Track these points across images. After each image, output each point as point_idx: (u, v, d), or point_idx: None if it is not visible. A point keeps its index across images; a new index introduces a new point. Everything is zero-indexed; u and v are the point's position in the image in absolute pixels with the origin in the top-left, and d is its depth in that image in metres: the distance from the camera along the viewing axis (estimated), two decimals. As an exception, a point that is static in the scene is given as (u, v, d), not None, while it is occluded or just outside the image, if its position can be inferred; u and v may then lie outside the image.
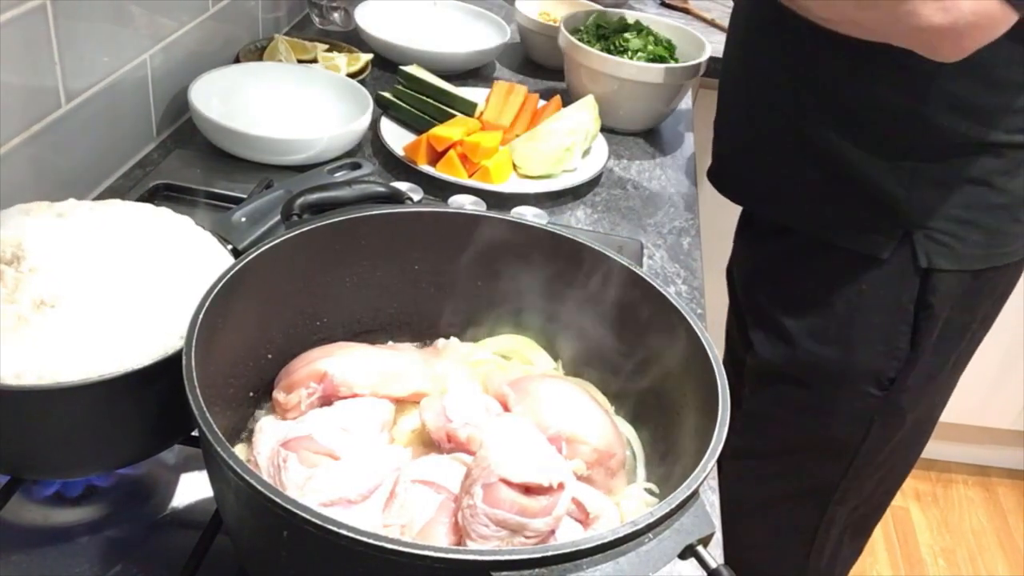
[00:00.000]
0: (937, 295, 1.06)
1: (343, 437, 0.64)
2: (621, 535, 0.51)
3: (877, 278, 1.08)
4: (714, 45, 1.42)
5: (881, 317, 1.09)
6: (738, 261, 1.33)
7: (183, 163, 1.16)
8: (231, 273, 0.65)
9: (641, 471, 0.73)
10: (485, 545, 0.57)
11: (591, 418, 0.70)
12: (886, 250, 1.05)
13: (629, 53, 1.40)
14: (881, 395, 1.12)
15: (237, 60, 1.37)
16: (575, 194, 1.24)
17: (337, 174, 1.03)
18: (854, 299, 1.09)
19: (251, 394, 0.72)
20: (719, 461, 0.59)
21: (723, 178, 1.25)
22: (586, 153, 1.30)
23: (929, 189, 1.02)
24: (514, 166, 1.24)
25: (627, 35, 1.43)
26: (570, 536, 0.59)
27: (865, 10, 0.89)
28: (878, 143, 1.02)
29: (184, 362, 0.57)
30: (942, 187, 1.02)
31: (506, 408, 0.70)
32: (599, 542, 0.50)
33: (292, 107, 1.27)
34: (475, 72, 1.55)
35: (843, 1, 0.91)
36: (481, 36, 1.59)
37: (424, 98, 1.30)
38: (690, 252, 1.17)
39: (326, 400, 0.69)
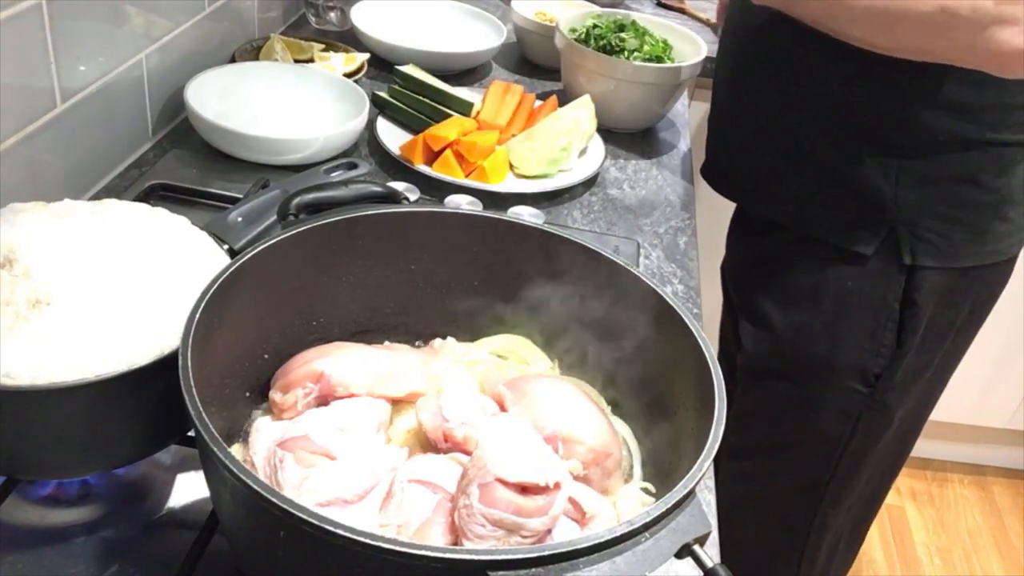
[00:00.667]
0: (922, 292, 1.07)
1: (340, 437, 0.64)
2: (617, 534, 0.51)
3: (863, 275, 1.08)
4: (710, 45, 1.42)
5: (867, 314, 1.10)
6: (729, 258, 1.34)
7: (179, 163, 1.15)
8: (227, 273, 0.65)
9: (637, 471, 0.73)
10: (481, 545, 0.57)
11: (587, 418, 0.70)
12: (871, 247, 1.06)
13: (625, 53, 1.40)
14: (867, 392, 1.13)
15: (233, 60, 1.37)
16: (571, 194, 1.25)
17: (333, 174, 1.03)
18: (840, 295, 1.10)
19: (247, 394, 0.72)
20: (714, 461, 0.59)
21: (716, 174, 1.25)
22: (582, 153, 1.30)
23: (915, 186, 1.02)
24: (511, 166, 1.24)
25: (623, 35, 1.43)
26: (567, 536, 0.59)
27: (939, 39, 0.88)
28: (865, 140, 1.02)
29: (180, 362, 0.57)
30: (928, 184, 1.02)
31: (502, 408, 0.70)
32: (595, 541, 0.50)
33: (288, 107, 1.27)
34: (471, 72, 1.55)
35: (916, 37, 0.90)
36: (477, 36, 1.59)
37: (420, 98, 1.30)
38: (686, 252, 1.17)
39: (322, 400, 0.69)
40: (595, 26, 1.46)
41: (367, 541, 0.48)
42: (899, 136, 1.01)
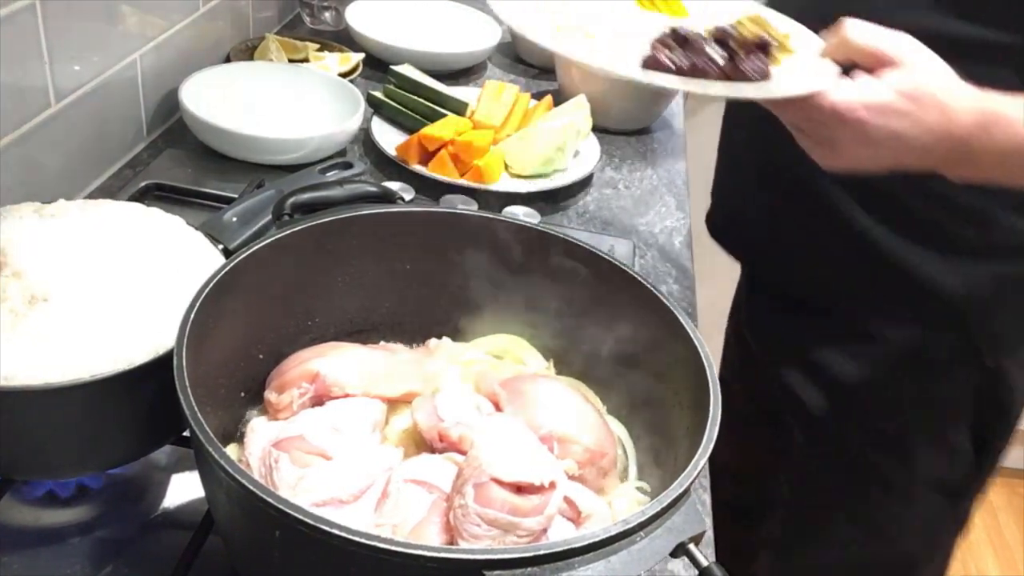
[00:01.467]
0: (1008, 391, 0.97)
1: (335, 437, 0.64)
2: (613, 534, 0.51)
3: (935, 380, 0.96)
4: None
5: (941, 423, 0.99)
6: (746, 317, 1.16)
7: (174, 163, 1.15)
8: (222, 273, 0.65)
9: (633, 470, 0.73)
10: (477, 544, 0.57)
11: (583, 418, 0.70)
12: (945, 350, 0.95)
13: (620, 53, 1.40)
14: (946, 501, 1.03)
15: (228, 59, 1.37)
16: (567, 194, 1.25)
17: (328, 174, 1.03)
18: (912, 401, 0.98)
19: (242, 394, 0.72)
20: (762, 552, 0.56)
21: (727, 234, 1.12)
22: (577, 153, 1.30)
23: (990, 286, 0.92)
24: (506, 166, 1.24)
25: (618, 35, 1.43)
26: (562, 535, 0.59)
27: None
28: (926, 235, 0.91)
29: (175, 362, 0.57)
30: (1004, 283, 0.92)
31: (498, 408, 0.70)
32: (591, 541, 0.50)
33: (283, 107, 1.27)
34: (467, 71, 1.55)
35: None
36: (472, 36, 1.59)
37: (415, 98, 1.30)
38: (681, 251, 1.18)
39: (318, 400, 0.69)
40: (590, 26, 1.46)
41: (363, 541, 0.48)
42: (971, 233, 0.90)
